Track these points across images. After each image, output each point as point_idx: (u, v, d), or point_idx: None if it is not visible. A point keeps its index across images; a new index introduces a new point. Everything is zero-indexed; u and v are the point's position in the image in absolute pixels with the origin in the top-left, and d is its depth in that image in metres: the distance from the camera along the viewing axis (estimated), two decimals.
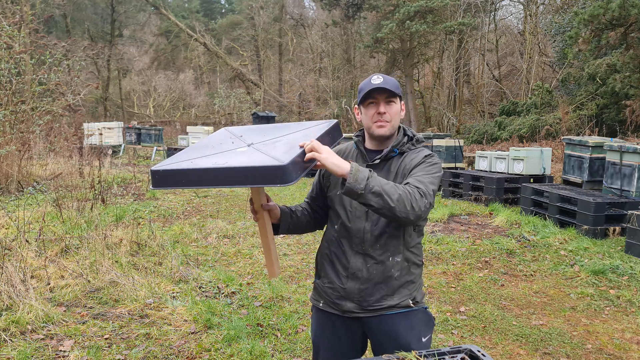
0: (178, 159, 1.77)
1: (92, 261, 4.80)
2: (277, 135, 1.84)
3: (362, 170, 1.61)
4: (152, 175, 1.71)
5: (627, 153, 6.93)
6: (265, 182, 1.56)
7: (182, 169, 1.67)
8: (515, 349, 3.60)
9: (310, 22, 32.82)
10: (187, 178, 1.64)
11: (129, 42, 35.12)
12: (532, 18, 20.62)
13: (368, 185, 1.59)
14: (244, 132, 1.95)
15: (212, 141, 1.92)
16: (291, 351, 3.48)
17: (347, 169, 1.60)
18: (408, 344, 1.84)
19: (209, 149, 1.83)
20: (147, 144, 19.51)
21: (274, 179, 1.52)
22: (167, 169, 1.68)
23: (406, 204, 1.63)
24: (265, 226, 1.88)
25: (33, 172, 9.79)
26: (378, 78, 1.85)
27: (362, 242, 1.87)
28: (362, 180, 1.59)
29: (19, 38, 9.97)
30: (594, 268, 5.11)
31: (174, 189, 1.70)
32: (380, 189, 1.60)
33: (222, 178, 1.59)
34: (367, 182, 1.59)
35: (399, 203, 1.62)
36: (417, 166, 1.85)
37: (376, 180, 1.62)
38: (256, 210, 1.87)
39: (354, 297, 1.89)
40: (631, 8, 10.58)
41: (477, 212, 8.07)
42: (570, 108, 15.33)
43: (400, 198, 1.63)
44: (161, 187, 1.68)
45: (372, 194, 1.60)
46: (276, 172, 1.52)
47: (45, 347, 3.40)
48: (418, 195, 1.67)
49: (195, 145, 1.93)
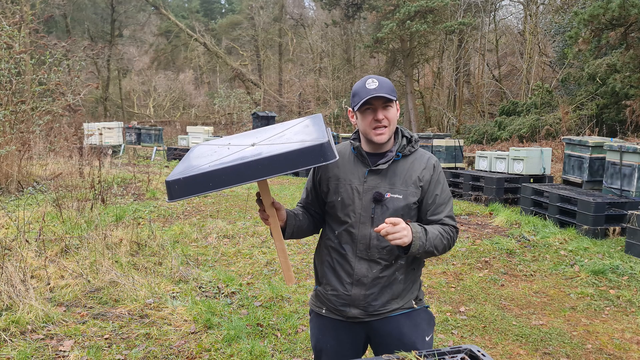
0: (188, 169, 1.64)
1: (92, 261, 4.80)
2: (272, 134, 1.80)
3: (420, 236, 1.74)
4: (170, 185, 1.57)
5: (627, 153, 6.93)
6: (310, 162, 1.54)
7: (209, 170, 1.54)
8: (515, 349, 3.60)
9: (310, 22, 32.83)
10: (216, 179, 1.54)
11: (129, 42, 35.12)
12: (532, 18, 20.62)
13: (426, 247, 1.77)
14: (226, 141, 1.88)
15: (204, 152, 1.81)
16: (291, 351, 3.48)
17: (411, 238, 1.72)
18: (413, 343, 1.84)
19: (209, 156, 1.72)
20: (147, 144, 19.51)
21: (319, 157, 1.53)
22: (188, 175, 1.55)
23: (447, 249, 1.87)
24: (278, 229, 1.82)
25: (33, 172, 9.79)
26: (373, 82, 1.79)
27: (367, 247, 1.85)
28: (421, 246, 1.75)
29: (19, 38, 9.97)
30: (594, 268, 5.11)
31: (196, 195, 1.58)
32: (432, 248, 1.79)
33: (263, 169, 1.53)
34: (425, 246, 1.76)
35: (443, 250, 1.85)
36: (436, 184, 1.91)
37: (430, 240, 1.78)
38: (267, 211, 1.79)
39: (359, 303, 1.87)
40: (631, 8, 10.58)
41: (477, 212, 8.07)
42: (570, 108, 15.34)
43: (445, 247, 1.85)
44: (182, 196, 1.56)
45: (426, 253, 1.79)
46: (320, 149, 1.53)
47: (45, 347, 3.40)
48: (455, 234, 1.90)
49: (187, 158, 1.80)
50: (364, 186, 1.86)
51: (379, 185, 1.85)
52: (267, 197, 1.78)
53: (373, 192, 1.84)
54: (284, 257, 1.86)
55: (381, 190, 1.84)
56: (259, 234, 6.70)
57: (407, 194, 1.84)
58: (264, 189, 1.77)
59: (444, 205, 1.91)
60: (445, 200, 1.92)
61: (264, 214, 1.80)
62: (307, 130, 1.75)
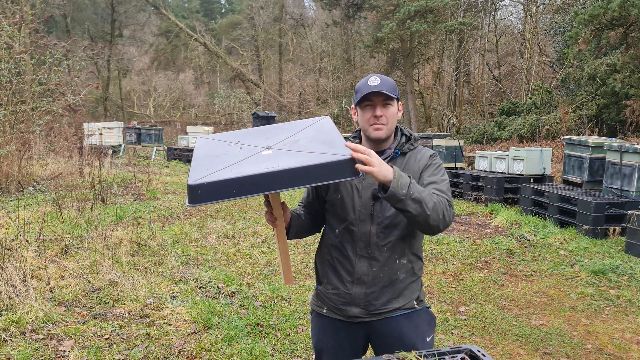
0: (208, 172, 1.59)
1: (92, 261, 4.79)
2: (284, 137, 1.77)
3: (403, 176, 1.62)
4: (193, 189, 1.51)
5: (627, 153, 6.92)
6: (336, 176, 1.55)
7: (234, 177, 1.51)
8: (516, 349, 3.60)
9: (310, 22, 32.84)
10: (240, 187, 1.51)
11: (129, 42, 35.12)
12: (532, 18, 20.63)
13: (409, 191, 1.61)
14: (235, 138, 1.85)
15: (215, 150, 1.77)
16: (291, 351, 3.48)
17: (391, 176, 1.60)
18: (413, 344, 1.84)
19: (223, 156, 1.69)
20: (147, 144, 19.52)
21: (345, 172, 1.53)
22: (212, 181, 1.51)
23: (439, 213, 1.68)
24: (283, 231, 1.81)
25: (33, 172, 9.79)
26: (375, 80, 1.80)
27: (367, 245, 1.85)
28: (404, 186, 1.60)
29: (19, 38, 9.96)
30: (594, 268, 5.11)
31: (218, 202, 1.53)
32: (419, 196, 1.63)
33: (288, 180, 1.52)
34: (408, 189, 1.61)
35: (434, 212, 1.67)
36: (426, 169, 1.84)
37: (416, 187, 1.64)
38: (274, 213, 1.77)
39: (360, 302, 1.87)
40: (631, 8, 10.58)
41: (477, 212, 8.07)
42: (570, 108, 15.34)
43: (435, 207, 1.67)
44: (205, 202, 1.52)
45: (412, 200, 1.62)
46: (346, 165, 1.53)
47: (45, 347, 3.40)
48: (447, 204, 1.73)
49: (199, 156, 1.75)
50: (363, 184, 1.86)
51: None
52: (277, 200, 1.77)
53: (372, 190, 1.84)
54: (285, 259, 1.85)
55: None
56: (259, 234, 6.69)
57: None
58: (274, 194, 1.75)
59: (436, 184, 1.80)
60: (439, 180, 1.82)
61: (272, 216, 1.78)
62: (322, 137, 1.71)
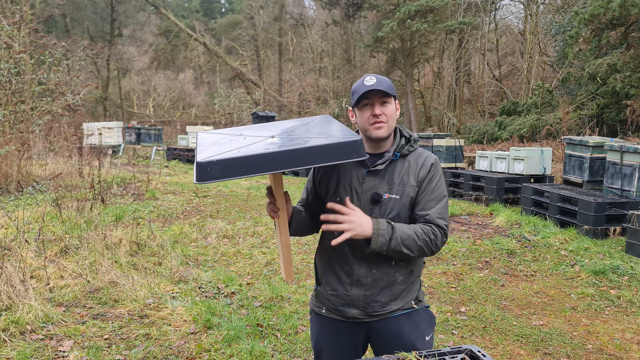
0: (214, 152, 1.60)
1: (91, 261, 4.79)
2: (284, 128, 1.82)
3: (382, 233, 1.72)
4: (202, 167, 1.51)
5: (628, 153, 6.91)
6: (344, 157, 1.59)
7: (243, 155, 1.53)
8: (516, 349, 3.59)
9: (310, 22, 32.82)
10: (250, 166, 1.52)
11: (129, 41, 35.10)
12: (533, 18, 20.61)
13: (390, 246, 1.73)
14: (237, 131, 1.88)
15: (218, 140, 1.79)
16: (291, 351, 3.47)
17: (370, 231, 1.71)
18: (413, 343, 1.84)
19: (228, 144, 1.69)
20: (146, 144, 19.51)
21: (352, 153, 1.59)
22: (222, 158, 1.52)
23: (426, 251, 1.79)
24: (285, 222, 1.81)
25: (33, 172, 9.78)
26: (371, 79, 1.80)
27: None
28: (384, 244, 1.72)
29: (19, 38, 9.96)
30: (595, 268, 5.10)
31: (227, 179, 1.54)
32: (400, 248, 1.74)
33: (298, 158, 1.54)
34: (389, 244, 1.72)
35: (420, 252, 1.78)
36: (427, 184, 1.85)
37: (396, 239, 1.73)
38: (277, 203, 1.77)
39: (359, 303, 1.87)
40: (632, 7, 10.57)
41: (478, 212, 8.06)
42: (570, 108, 15.33)
43: (421, 249, 1.77)
44: (214, 179, 1.52)
45: (394, 252, 1.75)
46: (355, 145, 1.59)
47: (45, 347, 3.39)
48: (440, 236, 1.80)
49: (204, 144, 1.76)
50: (362, 187, 1.86)
51: (377, 185, 1.84)
52: (280, 190, 1.78)
53: (371, 193, 1.83)
54: (287, 252, 1.84)
55: (379, 191, 1.84)
56: (258, 234, 6.69)
57: (404, 194, 1.84)
58: (277, 181, 1.76)
59: (434, 202, 1.83)
60: (437, 198, 1.84)
61: (274, 207, 1.79)
62: (325, 128, 1.76)
